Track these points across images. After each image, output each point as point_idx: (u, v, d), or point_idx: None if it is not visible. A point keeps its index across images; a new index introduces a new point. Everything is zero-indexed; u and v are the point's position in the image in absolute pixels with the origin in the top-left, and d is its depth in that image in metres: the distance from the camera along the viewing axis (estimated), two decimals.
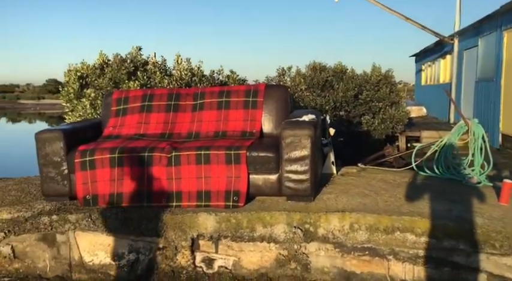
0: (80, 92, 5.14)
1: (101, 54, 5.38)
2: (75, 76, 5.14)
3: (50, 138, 2.99)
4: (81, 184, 2.95)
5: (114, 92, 3.55)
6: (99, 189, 2.94)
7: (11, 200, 3.11)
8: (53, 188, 3.03)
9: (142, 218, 2.79)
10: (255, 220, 2.67)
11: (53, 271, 2.82)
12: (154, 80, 4.74)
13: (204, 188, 2.85)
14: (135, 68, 4.91)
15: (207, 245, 2.73)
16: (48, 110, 36.22)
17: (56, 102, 42.60)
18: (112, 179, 2.92)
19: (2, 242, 2.84)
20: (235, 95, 3.38)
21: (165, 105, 3.39)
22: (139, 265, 2.77)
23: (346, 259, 2.58)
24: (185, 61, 4.96)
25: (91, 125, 3.43)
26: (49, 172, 3.02)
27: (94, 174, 2.94)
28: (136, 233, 2.78)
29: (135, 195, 2.89)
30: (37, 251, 2.84)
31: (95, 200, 2.94)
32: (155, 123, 3.34)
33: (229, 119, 3.31)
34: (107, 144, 3.03)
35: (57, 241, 2.83)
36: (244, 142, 2.97)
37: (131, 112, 3.41)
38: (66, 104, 5.35)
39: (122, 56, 5.07)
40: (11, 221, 2.86)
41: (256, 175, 2.86)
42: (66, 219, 2.83)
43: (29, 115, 31.57)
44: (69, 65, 5.28)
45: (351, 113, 8.30)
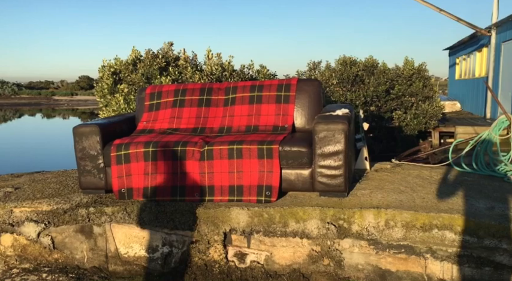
0: (114, 87, 5.25)
1: (134, 50, 5.46)
2: (108, 72, 5.25)
3: (86, 132, 3.06)
4: (117, 178, 3.01)
5: (148, 87, 3.59)
6: (134, 182, 2.99)
7: (50, 192, 3.21)
8: (90, 181, 3.11)
9: (176, 212, 2.82)
10: (287, 215, 2.66)
11: (90, 262, 2.89)
12: (186, 75, 4.77)
13: (236, 183, 2.85)
14: (166, 64, 4.96)
15: (239, 240, 2.73)
16: (81, 106, 37.29)
17: (88, 98, 43.90)
18: (146, 172, 2.97)
19: (42, 233, 2.93)
20: (267, 89, 3.36)
21: (197, 99, 3.41)
22: (173, 258, 2.81)
23: (381, 256, 2.52)
24: (216, 56, 4.98)
25: (126, 120, 3.49)
26: (86, 165, 3.09)
27: (129, 168, 2.99)
28: (169, 227, 2.81)
29: (168, 189, 2.92)
30: (75, 243, 2.92)
31: (130, 193, 3.00)
32: (187, 117, 3.37)
33: (261, 114, 3.30)
34: (141, 138, 3.07)
35: (94, 232, 2.90)
36: (277, 137, 2.95)
37: (164, 107, 3.45)
38: (100, 99, 5.47)
39: (153, 52, 5.14)
40: (51, 212, 2.95)
41: (288, 170, 2.84)
42: (102, 211, 2.89)
43: (62, 111, 32.54)
44: (103, 60, 5.39)
45: (381, 108, 8.14)
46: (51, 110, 33.02)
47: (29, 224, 2.94)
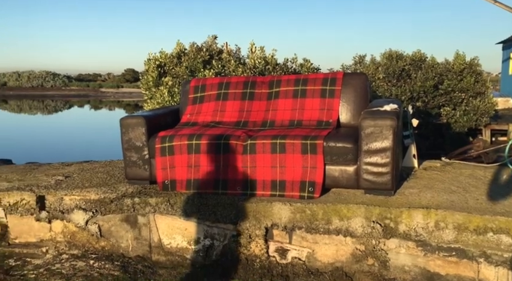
0: (158, 80, 5.34)
1: (178, 43, 5.53)
2: (154, 65, 5.34)
3: (133, 124, 3.12)
4: (161, 169, 3.06)
5: (192, 80, 3.62)
6: (177, 174, 3.02)
7: (98, 181, 3.31)
8: (135, 172, 3.17)
9: (218, 205, 2.83)
10: (330, 212, 2.60)
11: (135, 250, 2.96)
12: (229, 69, 4.78)
13: (279, 178, 2.82)
14: (210, 57, 4.99)
15: (281, 236, 2.70)
16: (126, 98, 38.50)
17: (133, 90, 45.22)
18: (189, 165, 2.99)
19: (90, 221, 3.03)
20: (311, 83, 3.29)
21: (240, 93, 3.40)
22: (214, 250, 2.82)
23: (429, 258, 2.41)
24: (259, 49, 4.95)
25: (170, 112, 3.53)
26: (131, 156, 3.16)
27: (173, 160, 3.03)
28: (211, 220, 2.83)
29: (210, 182, 2.93)
30: (121, 231, 2.99)
31: (173, 185, 3.03)
32: (231, 111, 3.36)
33: (305, 108, 3.24)
34: (185, 131, 3.10)
35: (139, 222, 2.96)
36: (321, 132, 2.88)
37: (208, 100, 3.47)
38: (145, 92, 5.58)
39: (198, 45, 5.18)
40: (98, 201, 3.04)
41: (332, 166, 2.77)
42: (147, 202, 2.95)
43: (109, 103, 33.70)
44: (148, 54, 5.49)
45: (429, 104, 7.82)
46: (99, 102, 34.28)
47: (78, 212, 3.05)
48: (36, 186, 3.21)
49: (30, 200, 3.08)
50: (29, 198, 3.08)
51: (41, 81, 44.90)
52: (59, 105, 30.65)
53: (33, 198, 3.08)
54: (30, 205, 3.08)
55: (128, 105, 31.28)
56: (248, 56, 5.03)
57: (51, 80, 45.65)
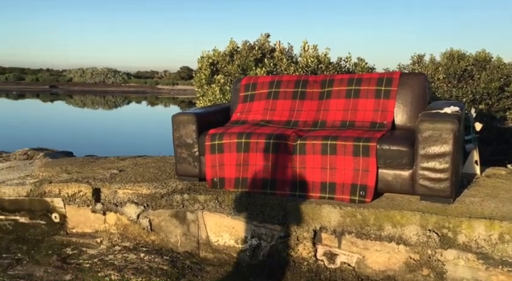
0: (211, 78, 5.40)
1: (231, 41, 5.57)
2: (207, 63, 5.41)
3: (184, 121, 3.17)
4: (210, 167, 3.08)
5: (243, 78, 3.62)
6: (226, 173, 3.03)
7: (149, 177, 3.39)
8: (185, 168, 3.22)
9: (266, 205, 2.80)
10: (383, 218, 2.48)
11: (183, 246, 3.00)
12: (280, 67, 4.73)
13: (329, 180, 2.74)
14: (262, 55, 4.97)
15: (330, 239, 2.62)
16: (181, 95, 39.58)
17: (187, 88, 46.40)
18: (238, 163, 2.98)
19: (142, 215, 3.11)
20: (366, 83, 3.17)
21: (291, 92, 3.35)
22: (261, 251, 2.80)
23: (491, 272, 2.24)
24: (312, 48, 4.86)
25: (221, 110, 3.55)
26: (182, 153, 3.20)
27: (222, 158, 3.03)
28: (259, 219, 2.80)
29: (259, 181, 2.91)
30: (170, 226, 3.05)
31: (222, 183, 3.04)
32: (281, 110, 3.32)
33: (358, 109, 3.13)
34: (235, 129, 3.09)
35: (188, 218, 3.00)
36: (375, 134, 2.77)
37: (258, 98, 3.44)
38: (197, 89, 5.68)
39: (250, 43, 5.18)
40: (149, 196, 3.11)
41: (386, 170, 2.65)
42: (196, 199, 2.98)
43: (164, 99, 34.75)
44: (202, 52, 5.58)
45: (493, 107, 7.32)
46: (155, 98, 35.46)
47: (130, 206, 3.14)
48: (92, 179, 3.35)
49: (87, 192, 3.22)
50: (85, 190, 3.22)
51: (103, 78, 47.26)
52: (118, 101, 32.06)
53: (89, 190, 3.21)
54: (87, 197, 3.22)
55: (182, 102, 32.11)
56: (300, 55, 4.96)
57: (112, 77, 47.93)
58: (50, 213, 3.30)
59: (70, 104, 27.84)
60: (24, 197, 3.32)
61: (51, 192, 3.28)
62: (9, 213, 3.35)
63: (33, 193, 3.30)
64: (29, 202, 3.31)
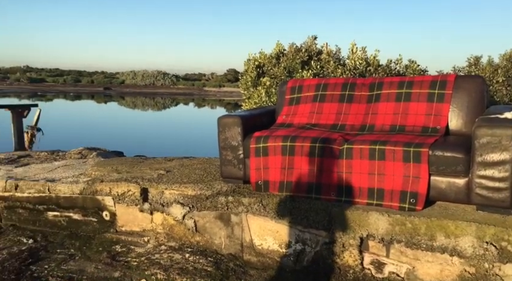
0: (257, 80, 5.41)
1: (278, 44, 5.55)
2: (253, 65, 5.42)
3: (229, 123, 3.18)
4: (254, 169, 3.07)
5: (289, 81, 3.58)
6: (271, 176, 3.01)
7: (195, 178, 3.44)
8: (230, 170, 3.23)
9: (310, 210, 2.75)
10: (435, 227, 2.36)
11: (227, 248, 3.01)
12: (327, 70, 4.65)
13: (377, 186, 2.64)
14: (309, 58, 4.91)
15: (377, 248, 2.53)
16: (227, 97, 40.13)
17: (233, 90, 47.06)
18: (283, 167, 2.96)
19: (187, 215, 3.16)
20: (417, 86, 3.04)
21: (338, 95, 3.27)
22: (305, 256, 2.75)
23: None
24: (360, 50, 4.74)
25: (266, 113, 3.54)
26: (227, 155, 3.22)
27: (266, 161, 3.02)
28: (303, 224, 2.76)
29: (303, 185, 2.86)
30: (214, 228, 3.07)
31: (266, 186, 3.02)
32: (327, 113, 3.25)
33: (409, 113, 3.00)
34: (280, 132, 3.07)
35: (232, 221, 3.01)
36: (427, 139, 2.64)
37: (304, 101, 3.40)
38: (243, 92, 5.70)
39: (297, 46, 5.14)
40: (195, 197, 3.15)
41: (438, 177, 2.52)
42: (240, 201, 2.98)
43: (211, 101, 35.35)
44: (248, 54, 5.59)
45: None
46: (202, 100, 36.16)
47: (176, 206, 3.20)
48: (141, 178, 3.45)
49: (135, 192, 3.31)
50: (134, 189, 3.32)
51: (153, 80, 48.92)
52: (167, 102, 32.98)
53: (137, 190, 3.30)
54: (135, 196, 3.31)
55: (228, 104, 32.53)
56: (348, 57, 4.85)
57: (162, 79, 49.52)
58: (101, 211, 3.42)
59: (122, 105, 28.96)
60: (77, 194, 3.47)
61: (102, 191, 3.41)
62: (64, 210, 3.52)
63: (86, 191, 3.45)
64: (82, 200, 3.46)
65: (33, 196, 3.57)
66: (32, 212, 3.59)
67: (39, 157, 4.78)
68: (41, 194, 3.54)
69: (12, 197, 3.61)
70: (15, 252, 3.10)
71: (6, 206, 3.64)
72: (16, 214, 3.64)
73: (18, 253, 3.09)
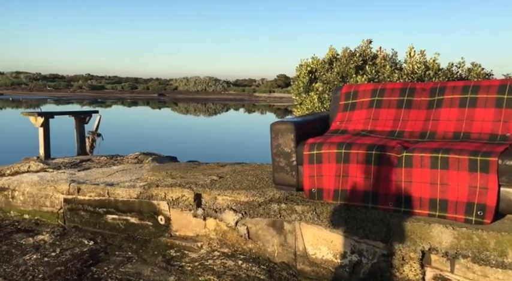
0: (309, 86, 5.34)
1: (331, 48, 5.46)
2: (305, 70, 5.36)
3: (282, 130, 3.15)
4: (308, 177, 3.01)
5: (344, 86, 3.49)
6: (324, 183, 2.94)
7: (247, 184, 3.43)
8: (282, 177, 3.19)
9: (367, 220, 2.65)
10: (506, 242, 2.18)
11: (280, 257, 2.97)
12: (383, 74, 4.50)
13: (439, 196, 2.49)
14: (363, 62, 4.78)
15: (441, 262, 2.38)
16: (277, 102, 40.20)
17: (283, 95, 47.10)
18: (337, 174, 2.87)
19: (240, 222, 3.15)
20: (484, 91, 2.85)
21: (396, 100, 3.14)
22: (362, 268, 2.65)
23: None
24: (418, 53, 4.54)
25: (320, 119, 3.47)
26: (280, 161, 3.19)
27: (320, 168, 2.95)
28: (359, 235, 2.66)
29: (359, 194, 2.77)
30: (267, 236, 3.04)
31: (320, 194, 2.96)
32: (384, 119, 3.13)
33: (475, 119, 2.82)
34: (334, 139, 2.99)
35: (285, 229, 2.97)
36: (495, 147, 2.46)
37: (360, 107, 3.30)
38: (295, 97, 5.65)
39: (351, 50, 5.02)
40: (247, 204, 3.14)
41: (509, 189, 2.33)
42: (293, 209, 2.93)
43: (261, 107, 35.54)
44: (300, 60, 5.54)
45: None
46: (252, 106, 36.45)
47: (229, 212, 3.20)
48: (194, 184, 3.49)
49: (189, 197, 3.36)
50: (188, 195, 3.36)
51: (205, 86, 50.08)
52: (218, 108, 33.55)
53: (191, 195, 3.35)
54: (189, 202, 3.36)
55: (278, 110, 32.55)
56: (405, 61, 4.66)
57: (213, 85, 50.57)
58: (157, 215, 3.51)
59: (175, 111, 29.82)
60: (134, 199, 3.58)
61: (158, 195, 3.49)
62: (122, 213, 3.64)
63: (142, 195, 3.55)
64: (139, 204, 3.56)
65: (93, 199, 3.72)
66: (93, 214, 3.75)
67: (99, 161, 5.00)
68: (101, 197, 3.69)
69: (75, 199, 3.80)
70: (77, 253, 3.24)
71: (70, 208, 3.83)
72: (78, 216, 3.81)
73: (80, 254, 3.23)
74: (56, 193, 3.86)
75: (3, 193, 4.07)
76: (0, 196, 4.09)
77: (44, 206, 3.92)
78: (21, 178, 4.15)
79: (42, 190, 3.91)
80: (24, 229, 3.79)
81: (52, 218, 3.92)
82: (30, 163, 4.61)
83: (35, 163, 4.62)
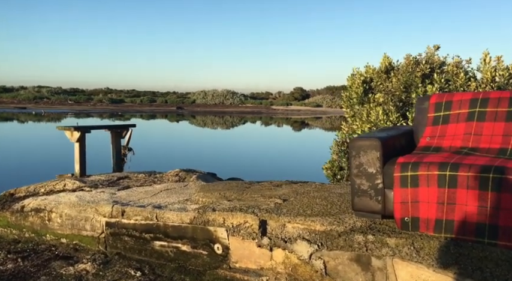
0: (363, 97, 4.89)
1: (385, 56, 5.02)
2: (359, 80, 4.92)
3: (366, 147, 2.70)
4: (400, 203, 2.54)
5: (433, 96, 3.03)
6: (422, 212, 2.46)
7: (319, 209, 2.98)
8: (365, 202, 2.73)
9: (485, 259, 2.16)
10: None
11: None
12: (455, 83, 4.02)
13: None
14: (431, 70, 4.32)
15: None
16: (295, 115, 39.81)
17: (301, 108, 46.70)
18: (440, 201, 2.40)
19: (314, 255, 2.69)
20: None
21: (505, 112, 2.66)
22: None
23: None
24: (495, 60, 4.06)
25: (403, 134, 3.01)
26: (362, 184, 2.73)
27: (416, 192, 2.48)
28: (476, 278, 2.16)
29: (471, 226, 2.28)
30: (349, 272, 2.57)
31: (415, 224, 2.48)
32: (490, 135, 2.65)
33: None
34: (433, 157, 2.52)
35: (372, 265, 2.49)
36: None
37: (455, 120, 2.82)
38: (346, 110, 5.21)
39: (414, 57, 4.56)
40: (324, 233, 2.69)
41: None
42: (383, 242, 2.46)
43: (278, 119, 35.17)
44: (353, 69, 5.13)
45: None
46: (269, 118, 36.11)
47: (301, 243, 2.75)
48: (257, 208, 3.05)
49: (253, 224, 2.91)
50: (251, 221, 2.92)
51: (222, 99, 49.99)
52: (235, 120, 33.26)
53: (256, 222, 2.91)
54: (253, 229, 2.91)
55: (295, 122, 32.19)
56: (478, 68, 4.18)
57: (231, 98, 50.45)
58: (213, 243, 3.07)
59: (192, 124, 29.62)
60: (187, 224, 3.15)
61: (215, 221, 3.06)
62: (172, 240, 3.21)
63: (197, 220, 3.12)
64: (192, 230, 3.13)
65: (139, 223, 3.31)
66: (138, 240, 3.33)
67: (137, 178, 4.61)
68: (148, 221, 3.28)
69: (119, 223, 3.39)
70: None
71: (112, 232, 3.42)
72: (122, 242, 3.40)
73: None
74: (97, 215, 3.46)
75: (39, 214, 3.69)
76: (36, 217, 3.71)
77: (84, 230, 3.52)
78: (58, 198, 3.77)
79: (82, 212, 3.51)
80: (63, 256, 3.39)
81: (92, 244, 3.51)
82: (66, 181, 4.24)
83: (70, 180, 4.25)
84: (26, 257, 3.36)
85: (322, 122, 33.22)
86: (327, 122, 32.53)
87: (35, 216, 3.74)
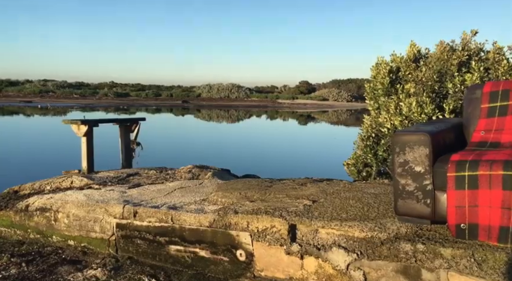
0: (390, 88, 4.54)
1: (412, 44, 4.66)
2: (385, 70, 4.57)
3: (412, 142, 2.36)
4: (454, 207, 2.21)
5: (486, 84, 2.68)
6: (482, 217, 2.13)
7: (355, 212, 2.65)
8: (410, 206, 2.40)
9: None
10: None
11: None
12: (497, 72, 3.67)
13: None
14: (468, 57, 3.96)
15: None
16: (300, 109, 39.39)
17: (307, 102, 46.23)
18: (505, 206, 2.06)
19: (352, 264, 2.37)
20: None
21: None
22: None
23: None
24: None
25: (452, 127, 2.67)
26: (407, 185, 2.40)
27: (475, 195, 2.15)
28: None
29: None
30: None
31: (474, 231, 2.15)
32: None
33: None
34: (494, 155, 2.18)
35: (423, 278, 2.17)
36: None
37: None
38: (369, 102, 4.86)
39: (448, 43, 4.20)
40: (364, 241, 2.36)
41: None
42: (436, 252, 2.13)
43: (283, 113, 34.79)
44: (377, 58, 4.76)
45: None
46: (275, 112, 35.73)
47: (337, 251, 2.42)
48: (285, 211, 2.73)
49: (281, 229, 2.59)
50: (279, 226, 2.60)
51: (227, 93, 49.57)
52: (241, 114, 32.91)
53: (284, 226, 2.59)
54: (281, 234, 2.59)
55: (301, 116, 31.84)
56: None
57: (236, 92, 50.01)
58: (235, 249, 2.75)
59: (197, 118, 29.30)
60: (206, 227, 2.83)
61: (238, 224, 2.74)
62: (189, 244, 2.90)
63: (217, 223, 2.80)
64: (212, 234, 2.82)
65: (153, 225, 3.00)
66: (152, 244, 3.02)
67: (148, 175, 4.30)
68: (162, 223, 2.96)
69: (130, 225, 3.08)
70: None
71: (123, 235, 3.11)
72: (134, 245, 3.09)
73: None
74: (107, 216, 3.15)
75: (45, 214, 3.39)
76: (42, 217, 3.41)
77: (93, 231, 3.22)
78: (65, 196, 3.46)
79: (91, 213, 3.20)
80: (70, 260, 3.09)
81: (102, 247, 3.21)
82: (73, 178, 3.93)
83: (78, 177, 3.94)
84: (30, 262, 3.07)
85: (329, 115, 32.83)
86: (333, 116, 32.15)
87: (41, 216, 3.44)
